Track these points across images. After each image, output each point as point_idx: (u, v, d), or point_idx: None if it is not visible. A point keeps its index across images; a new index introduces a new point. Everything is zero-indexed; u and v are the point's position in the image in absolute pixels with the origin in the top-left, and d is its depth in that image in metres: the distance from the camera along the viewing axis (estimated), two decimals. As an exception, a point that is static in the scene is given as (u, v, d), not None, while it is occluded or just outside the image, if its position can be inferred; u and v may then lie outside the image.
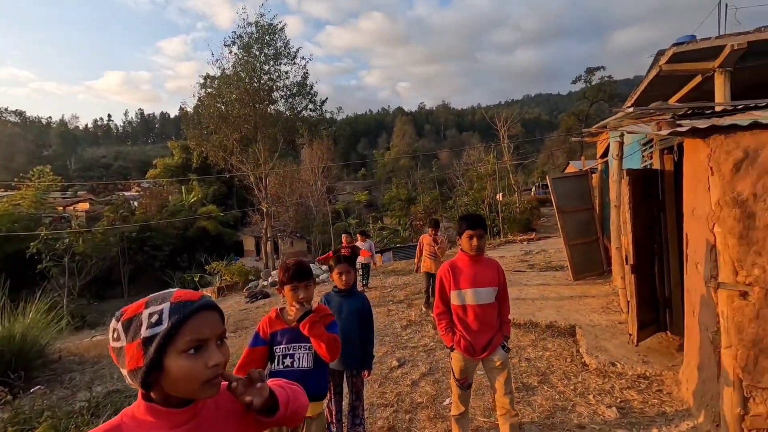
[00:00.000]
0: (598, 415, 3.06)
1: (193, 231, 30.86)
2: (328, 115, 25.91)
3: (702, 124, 2.42)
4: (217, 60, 20.35)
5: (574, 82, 55.93)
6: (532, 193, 35.75)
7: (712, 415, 2.66)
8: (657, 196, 4.39)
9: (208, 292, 13.49)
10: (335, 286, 2.73)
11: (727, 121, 2.40)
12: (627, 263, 4.15)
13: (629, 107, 4.73)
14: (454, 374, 2.57)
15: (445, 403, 3.41)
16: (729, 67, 5.25)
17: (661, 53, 5.88)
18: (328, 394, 2.66)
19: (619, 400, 3.25)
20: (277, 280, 2.16)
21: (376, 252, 23.11)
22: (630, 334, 4.14)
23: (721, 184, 2.41)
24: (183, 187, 35.51)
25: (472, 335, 2.48)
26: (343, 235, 7.73)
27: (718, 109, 3.08)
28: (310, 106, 22.01)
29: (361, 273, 8.93)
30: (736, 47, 4.94)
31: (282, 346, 1.97)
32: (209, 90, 20.63)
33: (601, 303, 5.77)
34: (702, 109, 3.21)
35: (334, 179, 40.14)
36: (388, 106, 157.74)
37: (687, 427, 2.82)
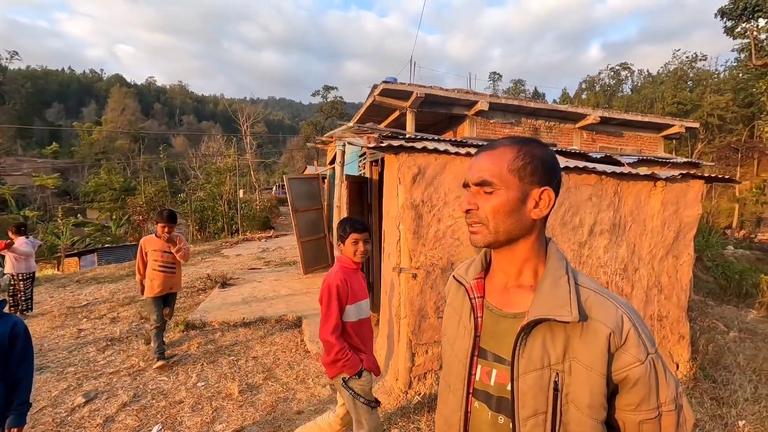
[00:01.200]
0: (315, 396, 3.35)
1: None
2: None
3: (395, 143, 3.06)
4: None
5: (313, 95, 62.47)
6: (273, 192, 36.84)
7: (394, 372, 3.40)
8: (367, 199, 5.33)
9: None
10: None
11: (410, 144, 3.14)
12: (344, 256, 4.80)
13: (352, 124, 5.53)
14: (363, 400, 2.13)
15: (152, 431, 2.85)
16: (415, 109, 7.11)
17: (375, 87, 7.31)
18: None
19: (332, 377, 3.67)
20: None
21: (68, 255, 17.54)
22: (344, 318, 4.81)
23: (404, 192, 3.11)
24: None
25: (370, 350, 2.27)
26: None
27: (408, 136, 4.04)
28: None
29: (11, 291, 5.67)
30: (419, 95, 6.74)
31: None
32: None
33: (325, 293, 6.48)
34: (398, 134, 4.12)
35: (-4, 152, 27.69)
36: (102, 70, 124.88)
37: (379, 386, 3.49)
